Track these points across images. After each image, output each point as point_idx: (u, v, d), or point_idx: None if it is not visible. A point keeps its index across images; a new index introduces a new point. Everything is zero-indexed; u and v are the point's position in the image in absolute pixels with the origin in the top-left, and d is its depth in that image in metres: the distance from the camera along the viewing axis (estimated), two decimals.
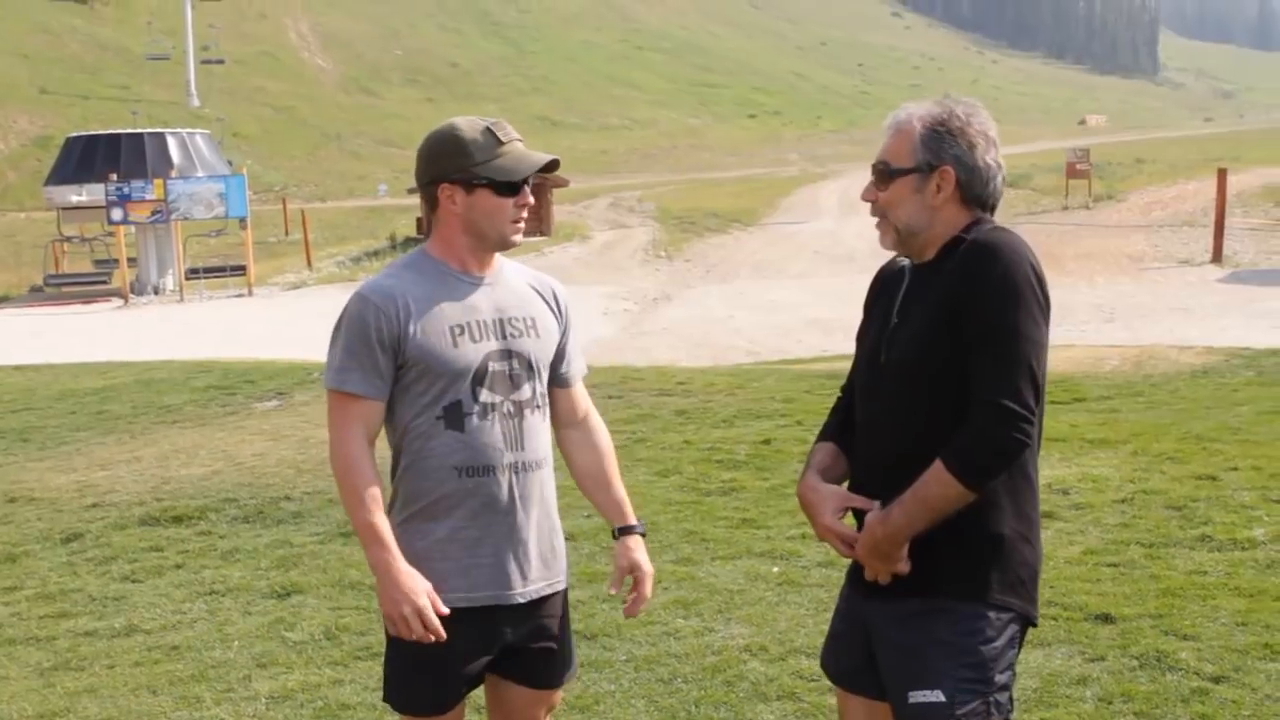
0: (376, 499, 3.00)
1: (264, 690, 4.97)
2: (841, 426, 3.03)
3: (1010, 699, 2.75)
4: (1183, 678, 4.62)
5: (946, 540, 2.69)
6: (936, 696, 2.67)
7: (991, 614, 2.71)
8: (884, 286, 2.95)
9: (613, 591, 3.26)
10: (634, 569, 3.23)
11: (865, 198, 2.88)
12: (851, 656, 2.92)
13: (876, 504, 2.75)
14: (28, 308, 27.16)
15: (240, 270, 28.41)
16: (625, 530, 3.27)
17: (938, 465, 2.62)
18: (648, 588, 3.24)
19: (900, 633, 2.75)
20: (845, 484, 2.97)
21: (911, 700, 2.70)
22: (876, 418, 2.83)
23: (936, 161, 2.76)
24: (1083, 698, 4.50)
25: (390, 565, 2.97)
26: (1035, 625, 2.83)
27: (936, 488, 2.62)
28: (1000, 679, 2.71)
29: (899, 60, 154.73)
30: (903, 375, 2.74)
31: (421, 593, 2.95)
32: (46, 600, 6.27)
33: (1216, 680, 4.58)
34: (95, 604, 6.18)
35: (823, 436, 3.06)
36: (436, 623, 2.96)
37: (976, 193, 2.78)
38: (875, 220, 2.86)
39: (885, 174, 2.82)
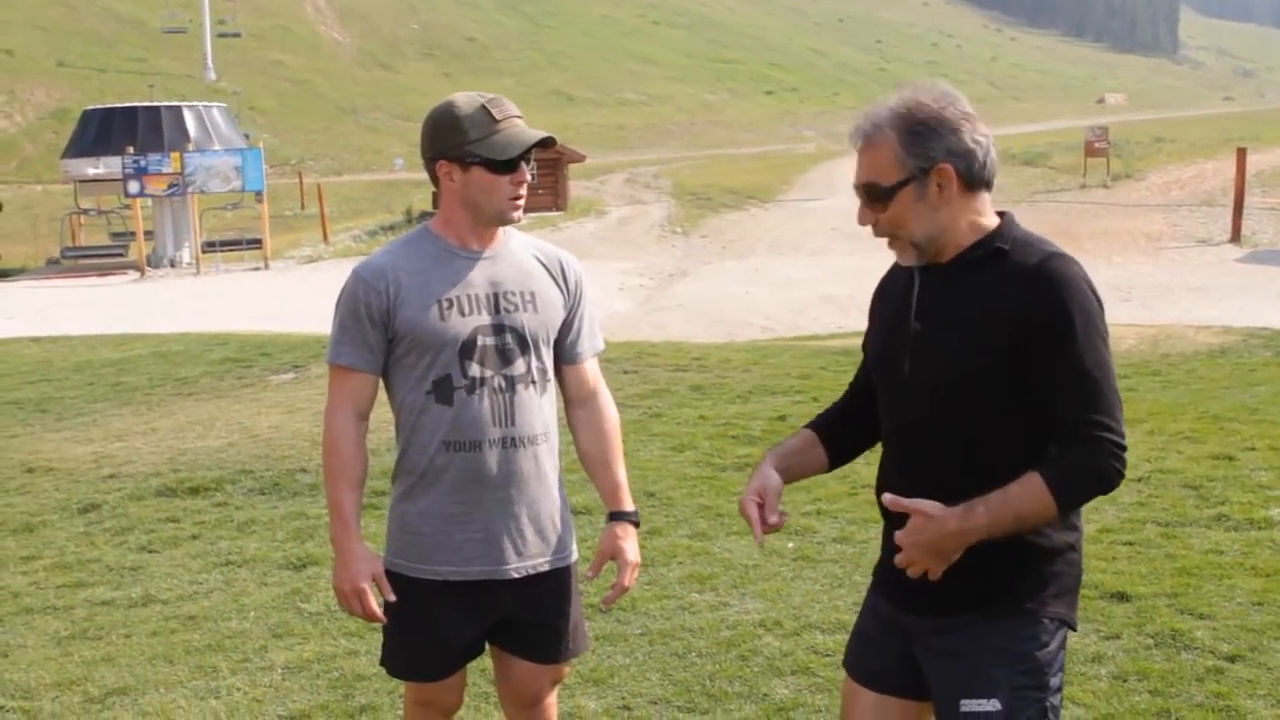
0: (350, 476, 3.07)
1: (280, 660, 4.99)
2: (833, 420, 2.93)
3: (1061, 699, 2.69)
4: (1198, 657, 4.61)
5: (998, 554, 2.58)
6: (993, 705, 2.58)
7: (1045, 621, 2.63)
8: (889, 291, 2.80)
9: (590, 575, 3.22)
10: (616, 556, 3.20)
11: (863, 223, 2.68)
12: (881, 659, 2.82)
13: (937, 504, 2.55)
14: (45, 280, 27.24)
15: (256, 244, 28.46)
16: (615, 516, 3.23)
17: (1036, 482, 2.48)
18: (628, 578, 3.20)
19: (950, 640, 2.66)
20: (810, 473, 2.92)
21: (964, 709, 2.61)
22: (913, 427, 2.69)
23: (929, 163, 2.55)
24: (1098, 675, 4.49)
25: (345, 543, 3.06)
26: (1075, 630, 2.77)
27: (1033, 503, 2.49)
28: (1054, 682, 2.64)
29: (917, 37, 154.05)
30: (941, 386, 2.61)
31: (366, 575, 3.05)
32: (64, 570, 6.30)
33: (1232, 659, 4.57)
34: (112, 574, 6.21)
35: (812, 423, 2.95)
36: (374, 606, 3.06)
37: (977, 177, 2.60)
38: (885, 241, 2.67)
39: (878, 194, 2.60)
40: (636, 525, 3.25)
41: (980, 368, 2.55)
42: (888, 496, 2.61)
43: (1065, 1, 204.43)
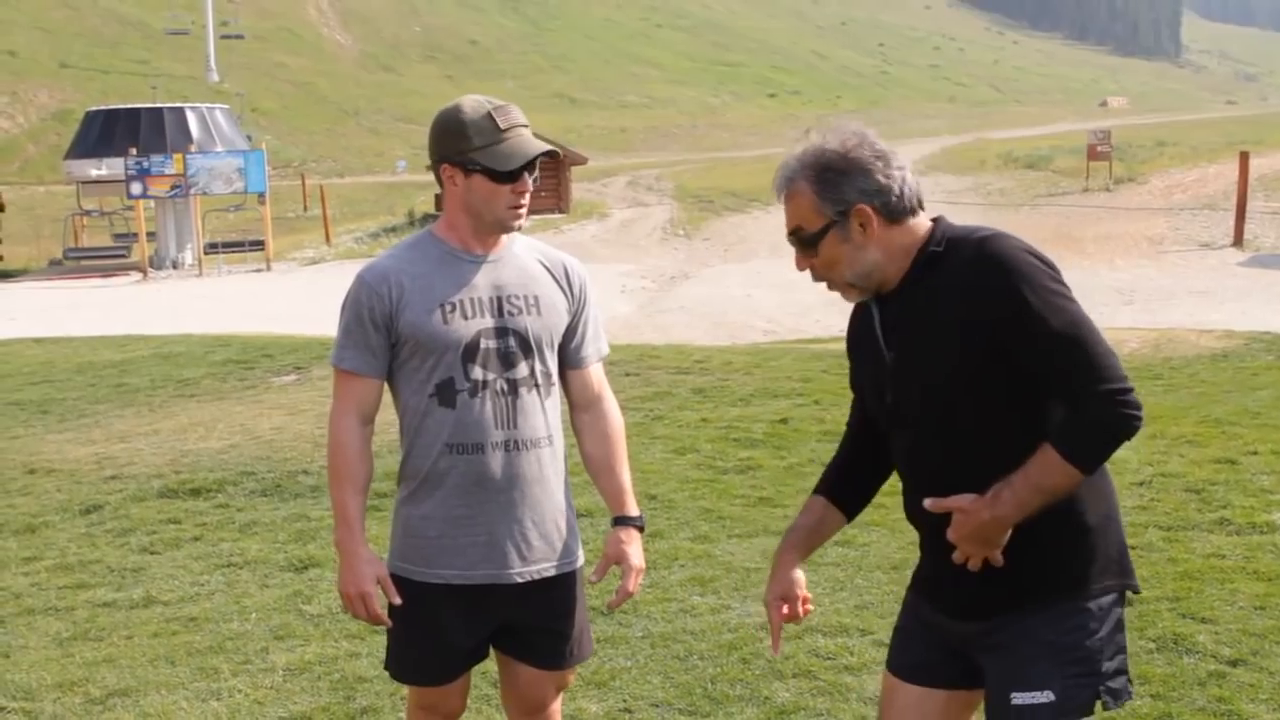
0: (355, 480, 3.08)
1: (281, 662, 4.99)
2: (840, 476, 2.96)
3: (1127, 679, 2.69)
4: (1200, 660, 4.60)
5: (1034, 548, 2.61)
6: (1046, 697, 2.60)
7: (1091, 605, 2.64)
8: (859, 333, 2.84)
9: (593, 580, 3.21)
10: (620, 561, 3.19)
11: (800, 268, 2.74)
12: (921, 652, 2.84)
13: (970, 495, 2.60)
14: (47, 281, 27.27)
15: (259, 245, 28.50)
16: (620, 521, 3.22)
17: (1049, 453, 2.51)
18: (632, 583, 3.18)
19: (1000, 636, 2.68)
20: (833, 534, 2.96)
21: (1015, 701, 2.62)
22: (917, 450, 2.72)
23: (845, 206, 2.62)
24: None
25: (350, 547, 3.07)
26: (1138, 591, 2.78)
27: (1053, 474, 2.52)
28: (1110, 665, 2.65)
29: (919, 40, 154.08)
30: (926, 400, 2.64)
31: (371, 579, 3.05)
32: (65, 571, 6.30)
33: (1234, 664, 4.57)
34: (114, 575, 6.21)
35: (819, 487, 2.98)
36: (379, 610, 3.06)
37: (896, 209, 2.64)
38: (825, 285, 2.74)
39: (805, 242, 2.68)
40: (642, 530, 3.24)
41: (956, 368, 2.58)
42: (928, 500, 2.65)
43: (1068, 5, 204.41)
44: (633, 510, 3.23)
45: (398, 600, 3.07)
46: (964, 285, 2.56)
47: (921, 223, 2.69)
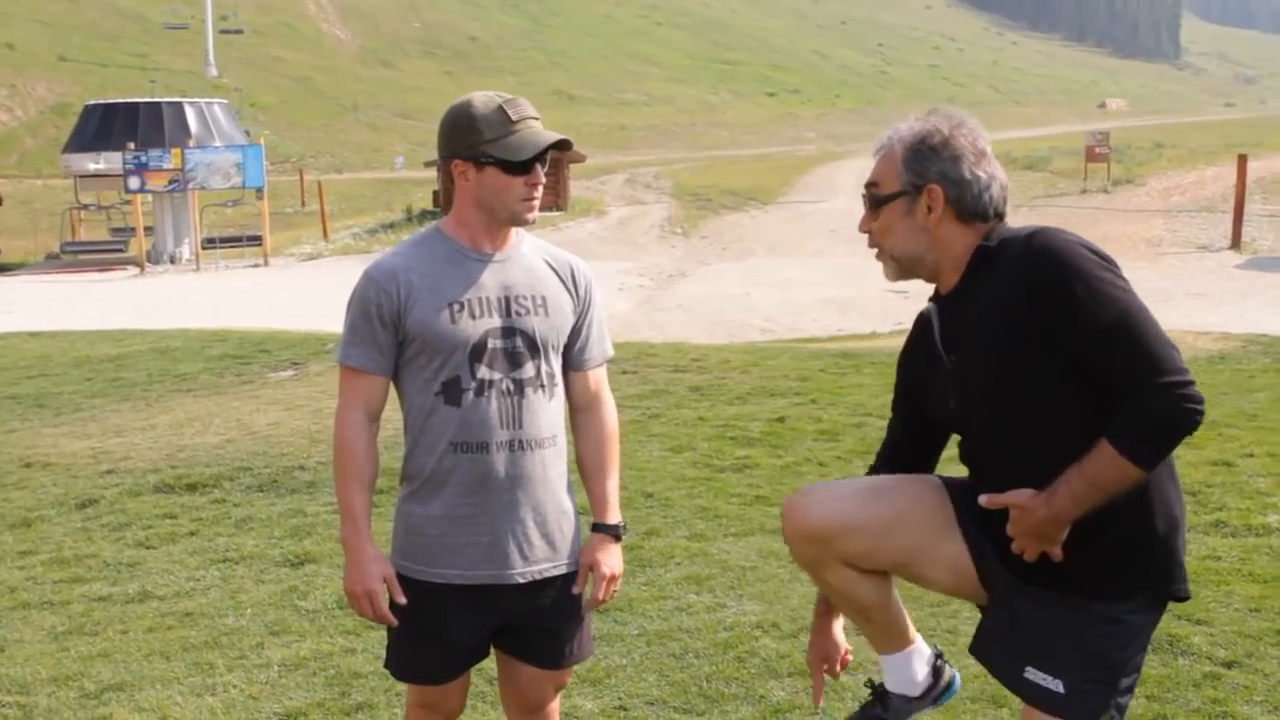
0: (361, 477, 3.07)
1: (276, 658, 4.99)
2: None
3: (1130, 698, 2.69)
4: (1195, 662, 4.61)
5: (1094, 542, 2.60)
6: (1056, 685, 2.60)
7: (1130, 620, 2.63)
8: (919, 338, 2.86)
9: (575, 591, 3.20)
10: (594, 568, 3.18)
11: (862, 228, 2.78)
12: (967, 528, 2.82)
13: (1028, 491, 2.60)
14: (44, 275, 27.23)
15: (256, 240, 28.44)
16: (598, 528, 3.21)
17: (1107, 449, 2.48)
18: (603, 590, 3.18)
19: (1032, 607, 2.67)
20: None
21: (1028, 676, 2.63)
22: (980, 448, 2.75)
23: (921, 181, 2.65)
24: None
25: (356, 545, 3.05)
26: (1189, 597, 2.75)
27: (1109, 470, 2.49)
28: (1125, 683, 2.65)
29: (919, 40, 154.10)
30: (989, 397, 2.64)
31: (377, 577, 3.04)
32: (61, 565, 6.30)
33: (1229, 665, 4.57)
34: (109, 569, 6.21)
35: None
36: (385, 609, 3.05)
37: (970, 208, 2.65)
38: (875, 253, 2.76)
39: (875, 200, 2.73)
40: (618, 539, 3.22)
41: (1012, 367, 2.57)
42: (983, 497, 2.66)
43: (1067, 6, 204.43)
44: (611, 518, 3.21)
45: (402, 599, 3.06)
46: (1014, 282, 2.56)
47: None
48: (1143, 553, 2.64)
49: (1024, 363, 2.56)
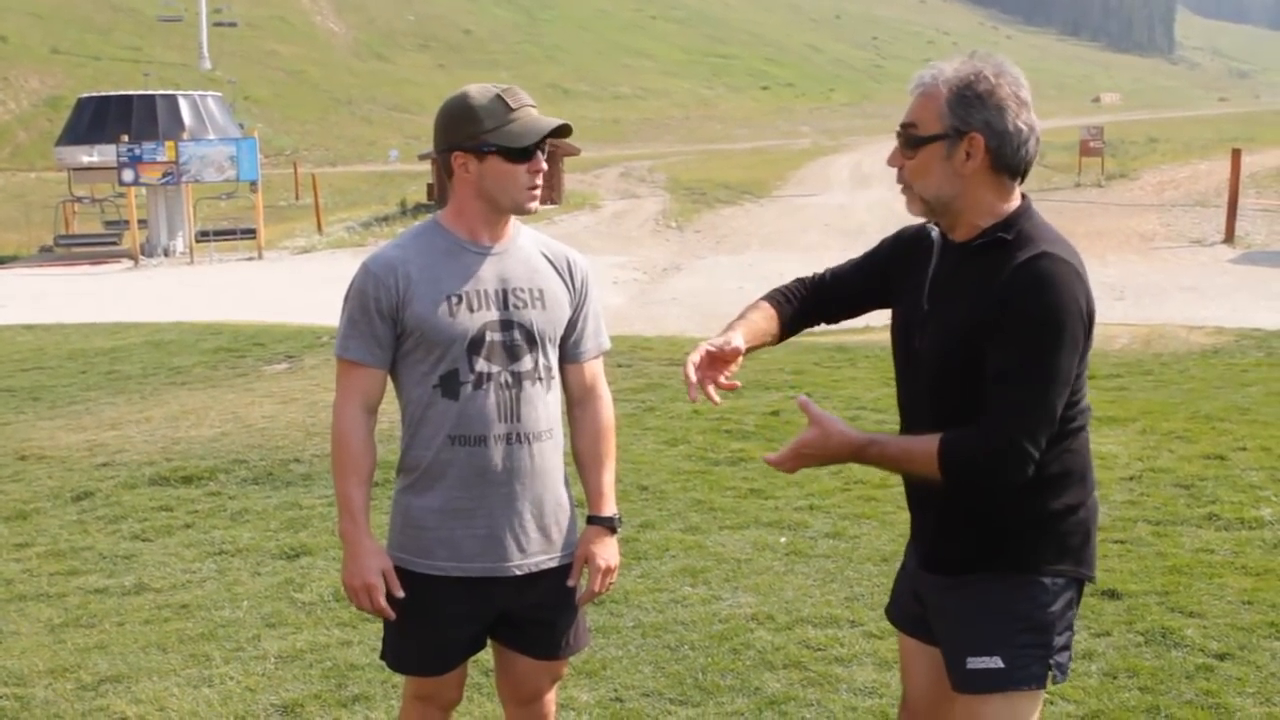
0: (359, 470, 3.07)
1: (273, 650, 5.00)
2: (791, 296, 3.20)
3: (1069, 656, 2.74)
4: (1188, 654, 4.63)
5: (995, 523, 2.68)
6: (995, 663, 2.65)
7: (1046, 580, 2.69)
8: (911, 255, 2.86)
9: (570, 584, 3.21)
10: (589, 561, 3.19)
11: (891, 163, 2.74)
12: (908, 606, 2.96)
13: (841, 424, 2.71)
14: (37, 268, 27.18)
15: (250, 233, 28.40)
16: (593, 520, 3.22)
17: (932, 445, 2.58)
18: (598, 583, 3.18)
19: (954, 600, 2.75)
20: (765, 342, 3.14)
21: (970, 666, 2.68)
22: (915, 398, 2.81)
23: (965, 127, 2.60)
24: (1088, 672, 4.51)
25: (354, 538, 3.05)
26: (1094, 581, 2.82)
27: (922, 462, 2.61)
28: (1059, 640, 2.70)
29: (913, 34, 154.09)
30: (936, 360, 2.71)
31: (376, 571, 3.03)
32: (57, 557, 6.31)
33: (1221, 657, 4.60)
34: (105, 562, 6.22)
35: (767, 296, 3.15)
36: (384, 602, 3.04)
37: (1007, 160, 2.63)
38: (900, 188, 2.75)
39: (912, 140, 2.67)
40: (614, 531, 3.23)
41: (964, 345, 2.62)
42: (800, 397, 2.81)
43: (1062, 0, 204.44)
44: (607, 510, 3.22)
45: (400, 593, 3.05)
46: (1001, 288, 2.57)
47: (1014, 192, 2.70)
48: (1040, 529, 2.70)
49: (970, 349, 2.61)
